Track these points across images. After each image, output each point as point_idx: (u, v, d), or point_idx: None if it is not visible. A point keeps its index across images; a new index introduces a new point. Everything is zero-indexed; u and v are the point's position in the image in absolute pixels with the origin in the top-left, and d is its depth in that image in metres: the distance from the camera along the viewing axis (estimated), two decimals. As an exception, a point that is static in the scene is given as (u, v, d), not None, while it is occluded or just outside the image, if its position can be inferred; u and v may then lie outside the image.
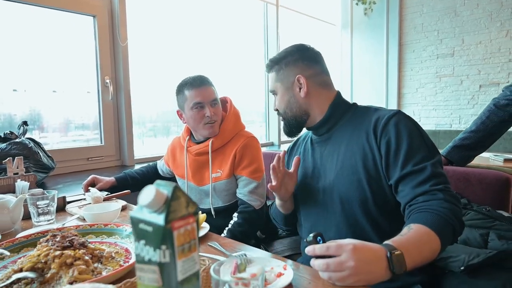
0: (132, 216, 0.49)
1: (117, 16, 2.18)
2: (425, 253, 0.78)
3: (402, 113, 1.00)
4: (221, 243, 0.98)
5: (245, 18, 3.23)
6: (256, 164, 1.52)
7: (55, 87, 2.06)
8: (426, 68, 3.73)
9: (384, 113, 1.01)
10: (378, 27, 3.92)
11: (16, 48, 1.91)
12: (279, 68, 1.13)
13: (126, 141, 2.27)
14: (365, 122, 1.02)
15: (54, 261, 0.73)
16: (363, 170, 0.98)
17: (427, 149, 0.95)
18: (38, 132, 2.06)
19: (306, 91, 1.09)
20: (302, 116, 1.12)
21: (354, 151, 1.01)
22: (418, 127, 0.99)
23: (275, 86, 1.15)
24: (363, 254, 0.70)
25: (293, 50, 1.13)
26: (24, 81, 1.95)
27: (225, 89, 3.04)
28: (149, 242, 0.47)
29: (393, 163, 0.94)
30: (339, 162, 1.04)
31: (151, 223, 0.47)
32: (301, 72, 1.10)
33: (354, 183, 0.99)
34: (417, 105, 3.82)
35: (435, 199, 0.86)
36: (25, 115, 1.99)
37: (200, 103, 1.48)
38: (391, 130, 0.96)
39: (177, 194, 0.49)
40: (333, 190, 1.04)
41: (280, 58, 1.13)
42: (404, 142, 0.94)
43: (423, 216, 0.84)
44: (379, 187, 0.98)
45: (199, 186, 1.59)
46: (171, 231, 0.46)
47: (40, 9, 1.96)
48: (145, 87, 2.45)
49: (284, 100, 1.13)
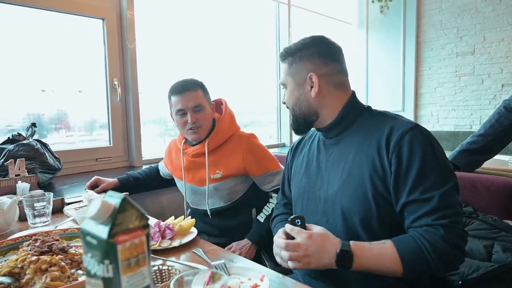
0: (81, 228, 0.48)
1: (125, 19, 2.20)
2: (379, 268, 0.84)
3: (419, 128, 0.91)
4: (206, 250, 0.96)
5: (256, 18, 3.20)
6: (268, 156, 1.59)
7: (80, 87, 2.15)
8: (445, 67, 3.59)
9: (399, 125, 0.92)
10: (395, 25, 3.81)
11: (40, 51, 1.99)
12: (292, 61, 1.03)
13: (134, 142, 2.30)
14: (378, 131, 0.94)
15: (30, 267, 0.73)
16: (370, 184, 0.91)
17: (440, 173, 0.86)
18: (65, 131, 2.15)
19: (317, 91, 1.00)
20: (311, 115, 1.04)
21: (363, 161, 0.94)
22: (434, 146, 0.90)
23: (286, 79, 1.06)
24: (317, 242, 0.84)
25: (310, 43, 1.03)
26: (51, 82, 2.04)
27: (235, 90, 3.03)
28: (95, 256, 0.46)
29: (402, 185, 0.88)
30: (345, 171, 0.97)
31: (95, 236, 0.46)
32: (314, 70, 1.00)
33: (359, 196, 0.92)
34: (435, 105, 3.69)
35: (433, 233, 0.82)
36: (53, 115, 2.09)
37: (181, 110, 1.49)
38: (404, 148, 0.88)
39: (125, 206, 0.47)
40: (336, 201, 0.97)
41: (295, 50, 1.03)
42: (415, 164, 0.86)
43: (405, 238, 0.84)
44: (385, 204, 0.91)
45: (200, 187, 1.59)
46: (114, 245, 0.45)
47: (54, 14, 2.02)
48: (165, 86, 2.48)
49: (293, 97, 1.05)
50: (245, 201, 1.60)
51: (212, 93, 1.66)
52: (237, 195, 1.59)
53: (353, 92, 1.07)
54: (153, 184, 1.85)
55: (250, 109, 3.23)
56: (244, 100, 3.14)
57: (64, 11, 2.03)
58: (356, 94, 1.07)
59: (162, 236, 0.99)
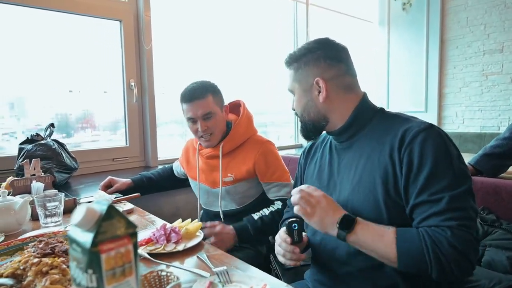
0: (68, 235, 0.47)
1: (142, 20, 2.22)
2: (375, 248, 0.83)
3: (435, 129, 0.86)
4: (211, 254, 0.94)
5: (273, 17, 3.17)
6: (281, 168, 1.54)
7: (106, 88, 2.21)
8: (471, 65, 3.44)
9: (413, 126, 0.87)
10: (418, 22, 3.68)
11: (65, 54, 2.06)
12: (297, 67, 1.01)
13: (150, 142, 2.32)
14: (391, 133, 0.90)
15: (31, 269, 0.73)
16: (382, 189, 0.87)
17: (453, 177, 0.81)
18: (91, 131, 2.21)
19: (325, 96, 0.97)
20: (320, 121, 1.02)
21: (375, 166, 0.90)
22: (449, 147, 0.85)
23: (293, 86, 1.04)
24: (329, 202, 0.88)
25: (314, 47, 1.00)
26: (78, 83, 2.11)
27: (253, 90, 3.01)
28: (79, 264, 0.45)
29: (412, 186, 0.84)
30: (356, 176, 0.94)
31: (79, 243, 0.44)
32: (321, 74, 0.98)
33: (370, 202, 0.89)
34: (460, 105, 3.54)
35: (439, 234, 0.77)
36: (79, 114, 2.17)
37: (191, 118, 1.48)
38: (415, 149, 0.84)
39: (111, 213, 0.46)
40: (347, 206, 0.93)
41: (299, 55, 1.01)
42: (426, 166, 0.82)
43: (409, 230, 0.82)
44: (397, 210, 0.87)
45: (212, 189, 1.58)
46: (98, 254, 0.43)
47: (74, 17, 2.06)
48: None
49: (302, 103, 1.03)
50: (257, 206, 1.57)
51: (230, 94, 1.64)
52: (249, 199, 1.57)
53: (364, 93, 1.02)
54: (166, 185, 1.85)
55: (268, 109, 3.20)
56: (262, 101, 3.12)
57: (83, 13, 2.06)
58: (376, 95, 1.03)
59: (167, 240, 0.98)
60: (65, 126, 2.11)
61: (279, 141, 3.25)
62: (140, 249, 0.92)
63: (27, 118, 2.00)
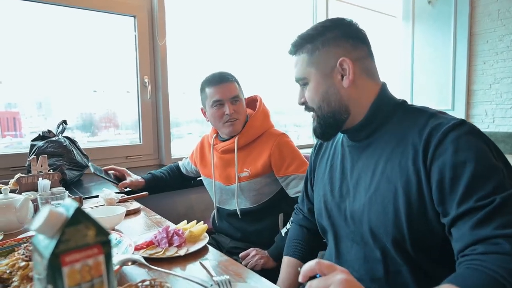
0: (32, 242, 0.40)
1: (156, 15, 2.18)
2: None
3: (468, 125, 0.73)
4: (218, 261, 0.86)
5: (292, 13, 3.07)
6: (299, 159, 1.45)
7: (128, 88, 2.21)
8: (502, 61, 3.23)
9: (441, 124, 0.74)
10: (444, 16, 3.49)
11: (88, 53, 2.06)
12: (313, 48, 0.85)
13: (163, 140, 2.28)
14: (415, 132, 0.77)
15: (17, 273, 0.68)
16: (404, 201, 0.74)
17: (501, 176, 0.66)
18: (113, 130, 2.23)
19: (351, 80, 0.83)
20: (341, 113, 0.86)
21: (395, 171, 0.77)
22: (489, 143, 0.72)
23: (307, 72, 0.87)
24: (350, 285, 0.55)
25: (332, 25, 0.86)
26: (102, 83, 2.13)
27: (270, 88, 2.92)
28: (40, 276, 0.38)
29: (449, 196, 0.68)
30: (373, 183, 0.81)
31: (40, 253, 0.37)
32: (345, 54, 0.83)
33: (389, 215, 0.76)
34: (491, 103, 3.33)
35: (497, 253, 0.59)
36: (103, 114, 2.19)
37: (219, 100, 1.43)
38: (448, 150, 0.70)
39: (78, 218, 0.38)
40: (363, 217, 0.81)
41: (315, 34, 0.86)
42: (466, 168, 0.67)
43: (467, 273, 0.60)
44: (423, 226, 0.73)
45: (226, 186, 1.52)
46: (59, 267, 0.36)
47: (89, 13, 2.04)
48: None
49: (320, 91, 0.86)
50: (272, 205, 1.51)
51: (247, 93, 1.61)
52: (264, 197, 1.50)
53: (384, 83, 0.89)
54: (175, 185, 1.80)
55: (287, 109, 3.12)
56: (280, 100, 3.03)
57: (98, 9, 2.04)
58: (399, 92, 0.89)
59: (170, 243, 0.91)
60: (90, 125, 2.14)
61: (298, 140, 3.16)
62: (139, 253, 0.86)
63: (53, 117, 2.02)
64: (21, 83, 1.88)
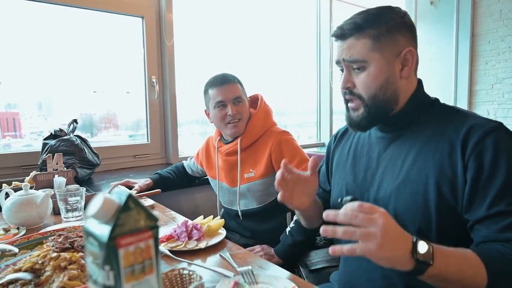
0: (84, 228, 0.43)
1: (164, 16, 2.21)
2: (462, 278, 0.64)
3: (505, 129, 0.76)
4: (235, 253, 0.89)
5: (295, 14, 3.10)
6: (299, 155, 1.46)
7: (128, 89, 2.22)
8: (504, 61, 3.26)
9: (480, 123, 0.76)
10: (446, 16, 3.53)
11: (89, 53, 2.06)
12: (379, 34, 0.82)
13: (171, 139, 2.30)
14: (451, 129, 0.79)
15: (50, 264, 0.70)
16: (435, 192, 0.76)
17: None
18: (114, 130, 2.24)
19: (411, 71, 0.85)
20: (392, 104, 0.85)
21: (428, 164, 0.78)
22: None
23: (370, 56, 0.83)
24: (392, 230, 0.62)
25: (393, 14, 0.85)
26: (102, 84, 2.13)
27: (273, 88, 2.95)
28: (95, 260, 0.41)
29: (481, 195, 0.72)
30: (402, 173, 0.82)
31: (96, 237, 0.40)
32: (411, 44, 0.84)
33: (419, 204, 0.78)
34: (493, 103, 3.37)
35: None
36: (103, 114, 2.20)
37: (222, 101, 1.45)
38: (487, 151, 0.72)
39: (130, 204, 0.41)
40: (388, 205, 0.82)
41: (381, 20, 0.83)
42: (501, 172, 0.71)
43: (484, 250, 0.66)
44: (450, 216, 0.76)
45: (232, 187, 1.54)
46: (115, 249, 0.39)
47: (96, 14, 2.06)
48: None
49: (381, 78, 0.83)
50: (278, 205, 1.52)
51: (249, 93, 1.62)
52: (270, 197, 1.51)
53: (420, 79, 0.91)
54: (181, 184, 1.81)
55: (289, 110, 3.14)
56: (283, 101, 3.06)
57: (106, 10, 2.06)
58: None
59: (189, 237, 0.94)
60: (89, 126, 2.14)
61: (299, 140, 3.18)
62: (161, 246, 0.89)
63: (53, 117, 2.03)
64: (21, 84, 1.87)
